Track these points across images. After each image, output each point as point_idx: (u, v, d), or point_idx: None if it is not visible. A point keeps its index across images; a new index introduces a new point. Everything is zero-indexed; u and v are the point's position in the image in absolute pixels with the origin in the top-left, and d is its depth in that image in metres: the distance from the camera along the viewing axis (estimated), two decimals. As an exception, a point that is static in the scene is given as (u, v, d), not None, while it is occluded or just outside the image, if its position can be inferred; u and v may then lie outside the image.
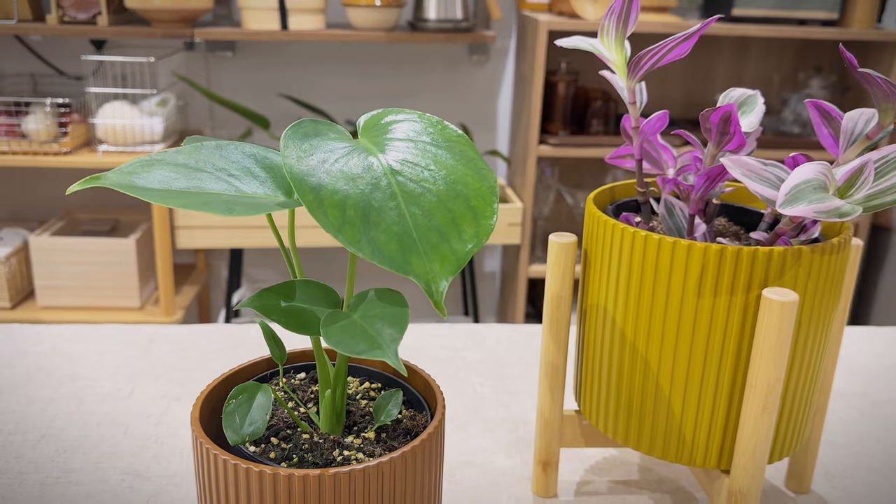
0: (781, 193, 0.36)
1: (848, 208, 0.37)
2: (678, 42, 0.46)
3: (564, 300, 0.52)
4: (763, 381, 0.43)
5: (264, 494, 0.37)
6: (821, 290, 0.45)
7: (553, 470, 0.56)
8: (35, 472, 0.57)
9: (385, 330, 0.32)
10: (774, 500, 0.57)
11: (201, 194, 0.33)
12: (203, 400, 0.42)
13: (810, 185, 0.37)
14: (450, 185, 0.35)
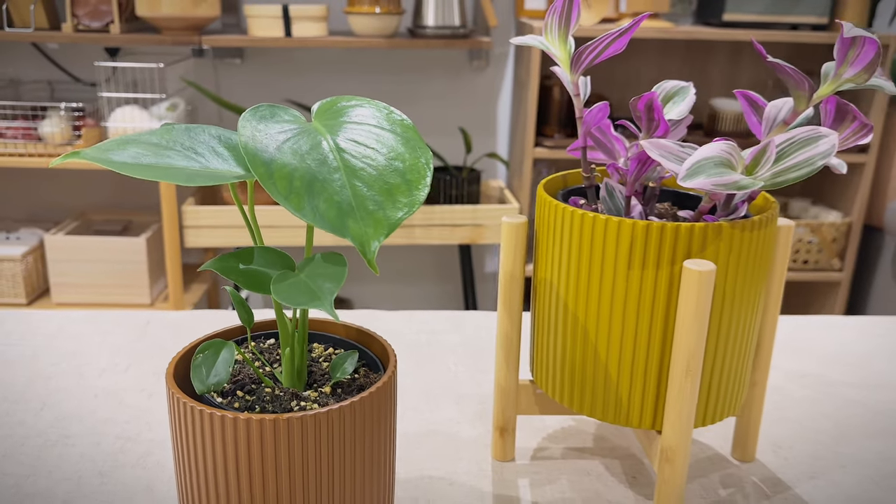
0: (683, 168, 0.40)
1: (747, 181, 0.41)
2: (613, 38, 0.50)
3: (516, 277, 0.56)
4: (685, 346, 0.47)
5: (226, 438, 0.41)
6: (743, 263, 0.49)
7: (510, 435, 0.60)
8: (36, 436, 0.62)
9: (325, 285, 0.37)
10: (720, 467, 0.61)
11: (167, 168, 0.38)
12: (178, 360, 0.46)
13: (711, 161, 0.41)
14: (389, 161, 0.39)
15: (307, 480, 0.42)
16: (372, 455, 0.45)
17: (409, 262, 2.38)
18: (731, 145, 0.42)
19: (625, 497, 0.56)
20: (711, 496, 0.57)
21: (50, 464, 0.58)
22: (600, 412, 0.53)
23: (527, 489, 0.57)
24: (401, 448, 0.62)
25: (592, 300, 0.50)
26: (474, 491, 0.57)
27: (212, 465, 0.42)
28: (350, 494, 0.44)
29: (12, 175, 2.21)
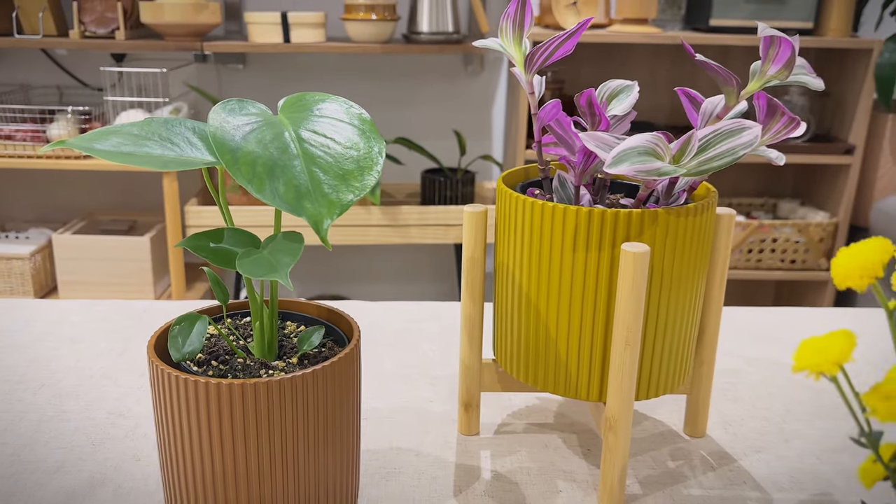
0: (609, 156, 0.44)
1: (668, 169, 0.45)
2: (562, 41, 0.54)
3: (478, 261, 0.60)
4: (623, 321, 0.51)
5: (199, 401, 0.45)
6: (680, 247, 0.52)
7: (475, 411, 0.64)
8: (33, 412, 0.66)
9: (283, 259, 0.40)
10: (671, 442, 0.64)
11: (145, 156, 0.42)
12: (159, 334, 0.50)
13: (635, 151, 0.44)
14: (346, 149, 0.43)
15: (273, 442, 0.46)
16: (335, 420, 0.49)
17: (404, 261, 2.42)
18: (657, 136, 0.46)
19: (578, 467, 0.60)
20: (660, 468, 0.60)
21: (46, 436, 0.62)
22: (552, 386, 0.56)
23: (488, 460, 0.61)
24: (373, 423, 0.65)
25: (543, 282, 0.54)
26: (439, 461, 0.60)
27: (187, 427, 0.46)
28: (314, 456, 0.48)
29: (22, 176, 2.26)
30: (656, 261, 0.52)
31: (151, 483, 0.57)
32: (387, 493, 0.56)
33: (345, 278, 2.41)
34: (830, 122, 2.24)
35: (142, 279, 1.97)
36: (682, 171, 0.45)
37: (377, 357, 0.77)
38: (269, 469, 0.47)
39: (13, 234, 2.11)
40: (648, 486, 0.58)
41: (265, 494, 0.47)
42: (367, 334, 0.82)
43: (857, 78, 2.09)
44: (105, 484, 0.56)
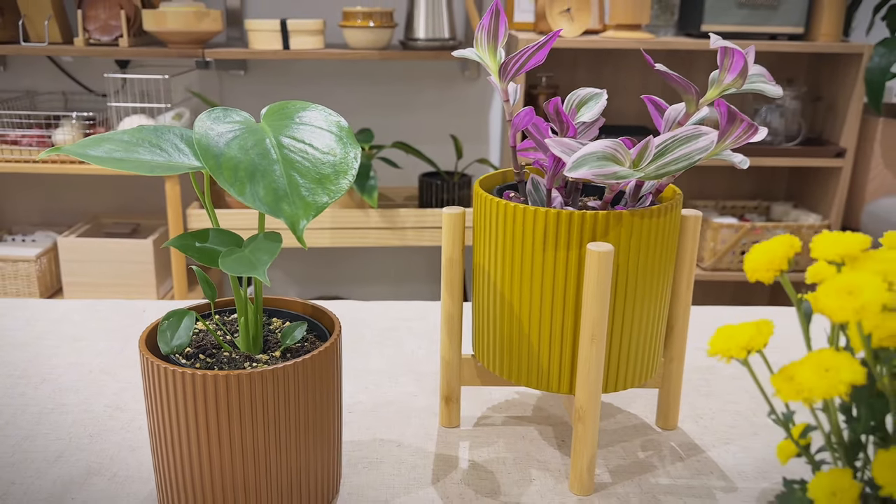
0: (569, 161, 0.46)
1: (625, 172, 0.47)
2: (534, 51, 0.56)
3: (456, 261, 0.62)
4: (589, 316, 0.53)
5: (186, 392, 0.48)
6: (644, 247, 0.55)
7: (455, 404, 0.66)
8: (35, 405, 0.68)
9: (262, 257, 0.43)
10: (643, 434, 0.67)
11: (135, 161, 0.44)
12: (150, 330, 0.53)
13: (594, 156, 0.47)
14: (323, 154, 0.46)
15: (256, 430, 0.49)
16: (317, 411, 0.52)
17: (401, 263, 2.44)
18: (617, 143, 0.48)
19: (552, 457, 0.62)
20: (631, 458, 0.63)
21: (46, 427, 0.65)
22: (525, 379, 0.59)
23: (466, 450, 0.63)
24: (358, 416, 0.68)
25: (517, 280, 0.57)
26: (419, 451, 0.63)
27: (175, 417, 0.48)
28: (296, 445, 0.51)
29: (28, 181, 2.29)
30: (621, 260, 0.54)
31: (145, 472, 0.59)
32: (368, 481, 0.59)
33: (344, 280, 2.44)
34: (822, 125, 2.26)
35: (145, 281, 2.00)
36: (639, 174, 0.48)
37: (364, 354, 0.80)
38: (252, 456, 0.49)
39: (19, 237, 2.14)
40: (618, 475, 0.60)
41: (250, 481, 0.50)
42: (356, 332, 0.85)
43: (848, 82, 2.11)
44: (101, 473, 0.59)
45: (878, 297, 0.25)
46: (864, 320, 0.24)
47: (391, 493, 0.57)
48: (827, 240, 0.29)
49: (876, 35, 2.28)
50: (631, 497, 0.57)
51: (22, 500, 0.55)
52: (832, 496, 0.26)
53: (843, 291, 0.26)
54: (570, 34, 1.95)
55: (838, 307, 0.25)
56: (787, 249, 0.30)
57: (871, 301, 0.25)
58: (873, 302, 0.25)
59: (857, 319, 0.25)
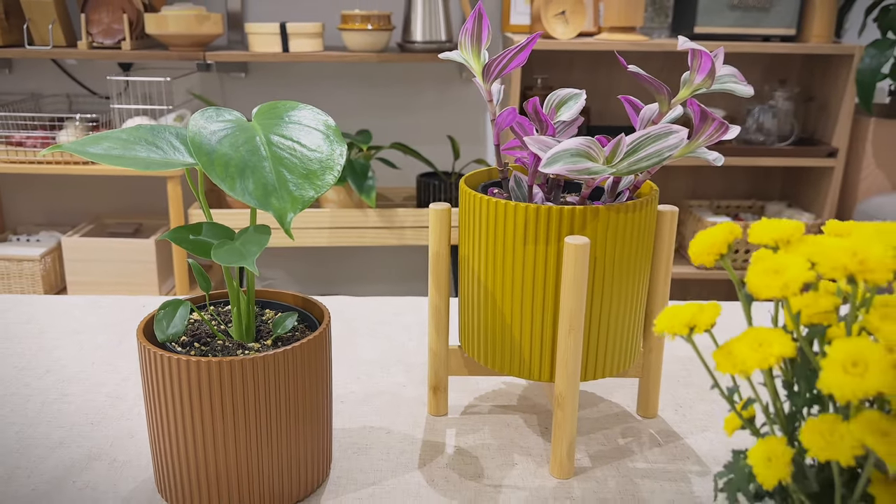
0: (544, 158, 0.49)
1: (598, 168, 0.49)
2: (515, 53, 0.58)
3: (443, 255, 0.65)
4: (567, 307, 0.55)
5: (181, 377, 0.50)
6: (620, 241, 0.57)
7: (443, 393, 0.69)
8: (38, 395, 0.71)
9: (251, 248, 0.45)
10: (624, 422, 0.69)
11: (132, 158, 0.47)
12: (148, 320, 0.55)
13: (568, 152, 0.49)
14: (311, 152, 0.48)
15: (248, 415, 0.51)
16: (307, 396, 0.54)
17: (400, 262, 2.47)
18: (591, 140, 0.50)
19: (535, 443, 0.65)
20: (611, 444, 0.65)
21: (49, 415, 0.67)
22: (508, 368, 0.61)
23: (452, 437, 0.65)
24: (349, 405, 0.70)
25: (499, 273, 0.59)
26: (407, 438, 0.65)
27: (171, 402, 0.51)
28: (287, 429, 0.53)
29: (32, 181, 2.32)
30: (598, 253, 0.57)
31: (143, 457, 0.61)
32: (357, 465, 0.61)
33: (343, 279, 2.46)
34: (814, 125, 2.28)
35: (147, 280, 2.02)
36: (611, 170, 0.50)
37: (356, 346, 0.82)
38: (245, 439, 0.51)
39: (24, 237, 2.17)
40: (598, 460, 0.62)
41: (242, 463, 0.52)
42: (349, 326, 0.87)
43: (840, 83, 2.13)
44: (101, 458, 0.61)
45: (800, 275, 0.27)
46: (790, 298, 0.26)
47: (379, 476, 0.59)
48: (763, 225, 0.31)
49: (868, 36, 2.30)
50: (609, 480, 0.59)
51: (26, 483, 0.58)
52: (768, 461, 0.28)
53: (770, 271, 0.28)
54: (565, 36, 1.97)
55: (764, 285, 0.28)
56: (727, 235, 0.32)
57: (794, 279, 0.27)
58: (795, 280, 0.27)
59: (781, 296, 0.27)
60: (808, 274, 0.27)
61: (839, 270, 0.26)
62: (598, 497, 0.57)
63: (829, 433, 0.26)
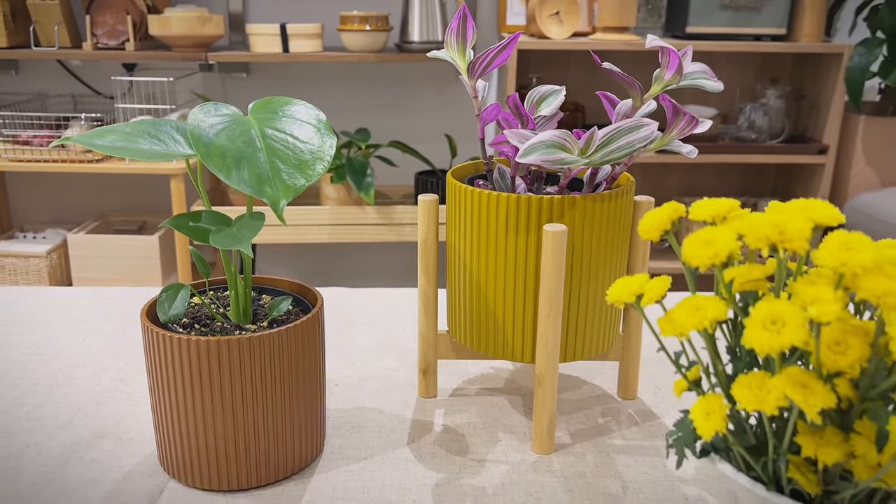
0: (521, 149, 0.51)
1: (571, 159, 0.52)
2: (497, 52, 0.61)
3: (431, 243, 0.68)
4: (546, 290, 0.58)
5: (182, 356, 0.53)
6: (597, 229, 0.60)
7: (432, 376, 0.71)
8: (46, 379, 0.74)
9: (246, 233, 0.48)
10: (604, 403, 0.72)
11: (135, 149, 0.49)
12: (151, 303, 0.58)
13: (544, 144, 0.52)
14: (303, 144, 0.51)
15: (245, 392, 0.54)
16: (301, 375, 0.57)
17: (398, 258, 2.50)
18: (566, 133, 0.53)
19: (518, 422, 0.67)
20: (590, 423, 0.68)
21: (56, 397, 0.70)
22: (493, 350, 0.64)
23: (441, 417, 0.68)
24: (344, 388, 0.73)
25: (483, 259, 0.62)
26: (397, 417, 0.68)
27: (172, 380, 0.54)
28: (282, 406, 0.56)
29: (39, 180, 2.35)
30: (576, 239, 0.59)
31: (146, 435, 0.64)
32: (349, 442, 0.64)
33: (343, 275, 2.50)
34: (805, 123, 2.31)
35: (151, 275, 2.06)
36: (585, 161, 0.53)
37: (352, 334, 0.85)
38: (242, 415, 0.54)
39: (30, 235, 2.20)
40: (577, 437, 0.65)
41: (240, 437, 0.55)
42: (345, 315, 0.90)
43: (830, 81, 2.16)
44: (107, 436, 0.64)
45: (728, 245, 0.30)
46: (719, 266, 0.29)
47: (370, 452, 0.62)
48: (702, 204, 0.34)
49: (858, 35, 2.32)
50: (587, 455, 0.62)
51: (36, 459, 0.61)
52: (707, 415, 0.31)
53: (702, 242, 0.30)
54: (560, 36, 1.99)
55: (696, 255, 0.30)
56: (671, 213, 0.35)
57: (722, 249, 0.30)
58: (724, 250, 0.30)
59: (710, 264, 0.30)
60: (735, 244, 0.30)
61: (763, 241, 0.29)
62: (576, 470, 0.60)
63: (756, 387, 0.29)
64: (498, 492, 0.58)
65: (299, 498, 0.57)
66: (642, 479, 0.59)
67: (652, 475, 0.60)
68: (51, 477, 0.59)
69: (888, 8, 2.05)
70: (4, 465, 0.60)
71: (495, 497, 0.57)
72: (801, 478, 0.30)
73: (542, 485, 0.58)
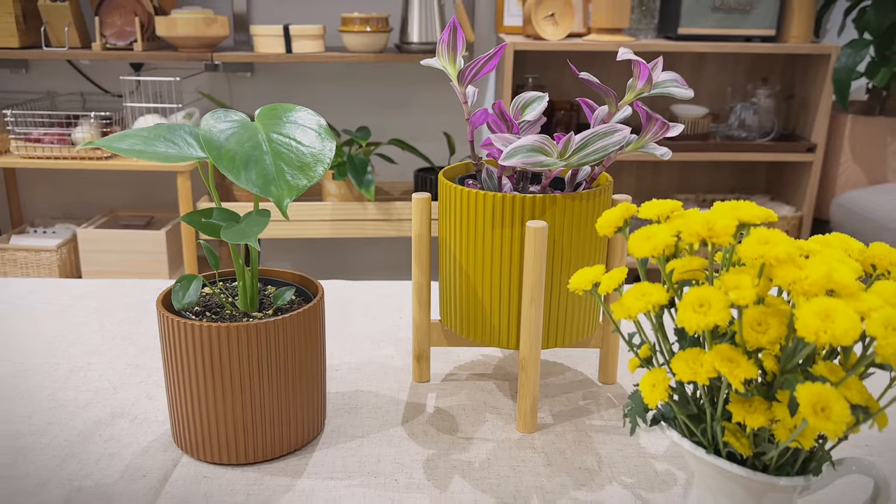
0: (504, 152, 0.56)
1: (550, 161, 0.57)
2: (484, 62, 0.66)
3: (424, 238, 0.72)
4: (529, 282, 0.63)
5: (195, 341, 0.57)
6: (577, 225, 0.64)
7: (425, 362, 0.76)
8: (66, 363, 0.78)
9: (253, 228, 0.53)
10: (585, 387, 0.76)
11: (152, 152, 0.54)
12: (165, 293, 0.63)
13: (525, 148, 0.56)
14: (305, 147, 0.56)
15: (252, 374, 0.59)
16: (303, 358, 0.61)
17: (398, 252, 2.54)
18: (546, 137, 0.58)
19: (505, 405, 0.72)
20: (572, 405, 0.72)
21: (76, 381, 0.75)
22: (480, 337, 0.68)
23: (433, 399, 0.73)
24: (343, 373, 0.78)
25: (471, 253, 0.66)
26: (392, 400, 0.73)
27: (185, 362, 0.58)
28: (285, 387, 0.61)
29: (49, 176, 2.40)
30: (557, 235, 0.64)
31: (161, 415, 0.69)
32: (348, 421, 0.68)
33: (344, 269, 2.54)
34: (795, 122, 2.35)
35: (158, 269, 2.10)
36: (562, 163, 0.57)
37: (352, 323, 0.90)
38: (250, 395, 0.59)
39: (41, 230, 2.25)
40: (558, 418, 0.70)
41: (247, 416, 0.60)
42: (345, 307, 0.95)
43: (818, 81, 2.20)
44: (124, 416, 0.69)
45: (665, 240, 0.34)
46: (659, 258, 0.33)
47: (367, 430, 0.67)
48: (649, 205, 0.38)
49: (847, 36, 2.36)
50: (567, 434, 0.67)
51: (59, 436, 0.65)
52: (652, 387, 0.35)
53: (644, 237, 0.35)
54: (555, 37, 2.04)
55: (639, 247, 0.35)
56: (623, 212, 0.40)
57: (660, 242, 0.34)
58: (661, 243, 0.34)
59: (650, 255, 0.34)
60: (671, 239, 0.34)
61: (695, 236, 0.33)
62: (556, 447, 0.65)
63: (691, 361, 0.33)
64: (483, 466, 0.62)
65: (302, 471, 0.61)
66: (617, 456, 0.64)
67: (625, 452, 0.65)
68: (73, 452, 0.63)
69: (875, 10, 2.09)
70: (30, 442, 0.65)
71: (481, 470, 0.62)
72: (735, 441, 0.35)
73: (524, 460, 0.63)
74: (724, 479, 0.37)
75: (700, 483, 0.39)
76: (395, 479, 0.61)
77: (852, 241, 0.37)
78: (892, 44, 2.12)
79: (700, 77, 2.40)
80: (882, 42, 2.11)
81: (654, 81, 0.60)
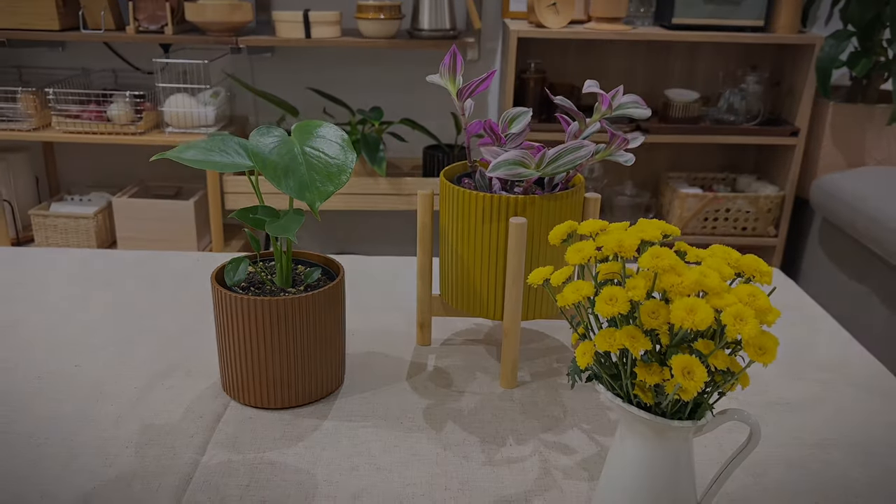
0: (490, 165, 0.68)
1: (527, 172, 0.69)
2: (479, 83, 0.77)
3: (427, 226, 0.85)
4: (511, 266, 0.75)
5: (242, 311, 0.70)
6: (552, 220, 0.77)
7: (427, 329, 0.89)
8: (126, 326, 0.92)
9: (292, 225, 0.66)
10: (560, 353, 0.89)
11: (211, 161, 0.67)
12: (218, 270, 0.76)
13: (507, 162, 0.68)
14: (332, 159, 0.68)
15: (288, 339, 0.72)
16: (327, 326, 0.75)
17: (407, 224, 2.67)
18: (524, 152, 0.70)
19: (492, 365, 0.85)
20: (548, 367, 0.86)
21: (138, 342, 0.88)
22: (473, 310, 0.81)
23: (433, 360, 0.86)
24: (358, 337, 0.91)
25: (465, 241, 0.79)
26: (399, 360, 0.86)
27: (234, 327, 0.72)
28: (313, 349, 0.74)
29: (86, 149, 2.52)
30: (535, 229, 0.76)
31: (211, 367, 0.83)
32: (363, 377, 0.82)
33: (357, 240, 2.67)
34: (781, 108, 2.44)
35: (187, 236, 2.24)
36: (538, 174, 0.69)
37: (365, 295, 1.03)
38: (286, 354, 0.72)
39: (78, 198, 2.38)
40: (536, 377, 0.83)
41: (284, 371, 0.73)
42: (359, 280, 1.08)
43: (804, 69, 2.28)
44: (180, 368, 0.83)
45: (589, 252, 0.46)
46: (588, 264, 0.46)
47: (378, 384, 0.81)
48: (586, 223, 0.51)
49: (834, 26, 2.44)
50: (541, 390, 0.80)
51: (128, 385, 0.79)
52: (583, 354, 0.48)
53: (575, 250, 0.47)
54: (556, 25, 2.13)
55: (572, 257, 0.47)
56: (567, 228, 0.52)
57: (587, 254, 0.46)
58: (587, 255, 0.46)
59: (579, 262, 0.47)
60: (593, 251, 0.46)
61: (610, 250, 0.45)
62: (531, 400, 0.78)
63: (608, 337, 0.46)
64: (471, 413, 0.76)
65: (326, 415, 0.75)
66: (579, 408, 0.77)
67: (587, 404, 0.78)
68: (141, 396, 0.77)
69: (858, 2, 2.17)
70: (104, 388, 0.79)
71: (469, 416, 0.75)
72: (642, 394, 0.47)
73: (504, 409, 0.77)
74: (635, 421, 0.50)
75: (622, 425, 0.52)
76: (401, 422, 0.74)
77: (732, 251, 0.49)
78: (872, 35, 2.20)
79: (694, 63, 2.48)
80: (863, 34, 2.19)
81: (616, 104, 0.72)
